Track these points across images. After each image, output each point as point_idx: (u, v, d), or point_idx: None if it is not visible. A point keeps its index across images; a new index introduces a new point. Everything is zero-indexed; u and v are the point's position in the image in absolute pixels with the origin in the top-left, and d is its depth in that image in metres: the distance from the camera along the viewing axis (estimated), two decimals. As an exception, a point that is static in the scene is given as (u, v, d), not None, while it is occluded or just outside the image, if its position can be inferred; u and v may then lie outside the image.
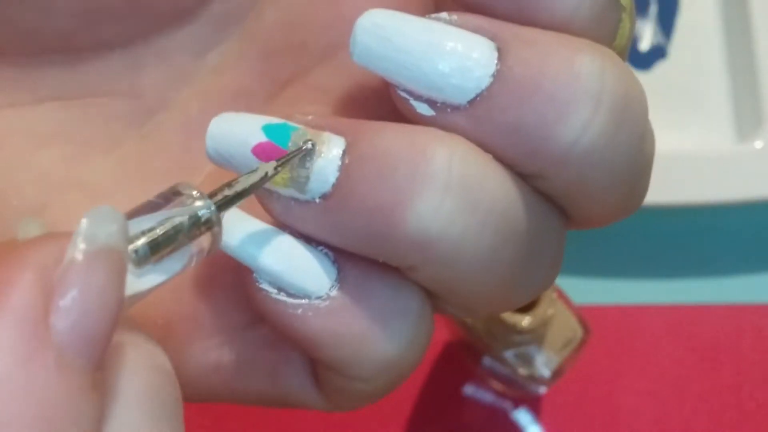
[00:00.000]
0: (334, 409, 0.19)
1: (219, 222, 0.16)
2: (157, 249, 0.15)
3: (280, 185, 0.17)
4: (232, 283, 0.18)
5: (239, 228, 0.17)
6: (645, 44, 0.52)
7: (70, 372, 0.13)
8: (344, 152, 0.16)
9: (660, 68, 0.51)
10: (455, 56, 0.16)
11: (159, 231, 0.15)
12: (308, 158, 0.16)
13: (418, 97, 0.16)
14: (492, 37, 0.16)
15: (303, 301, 0.17)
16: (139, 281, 0.15)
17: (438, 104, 0.16)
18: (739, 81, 0.50)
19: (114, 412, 0.14)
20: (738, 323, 0.47)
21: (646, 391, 0.46)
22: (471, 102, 0.16)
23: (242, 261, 0.17)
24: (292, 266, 0.17)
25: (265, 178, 0.16)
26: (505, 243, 0.16)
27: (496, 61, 0.16)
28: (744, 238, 0.49)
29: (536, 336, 0.39)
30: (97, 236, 0.14)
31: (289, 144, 0.16)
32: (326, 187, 0.16)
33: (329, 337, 0.17)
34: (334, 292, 0.17)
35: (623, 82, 0.16)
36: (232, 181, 0.16)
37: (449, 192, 0.16)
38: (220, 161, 0.17)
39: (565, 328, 0.39)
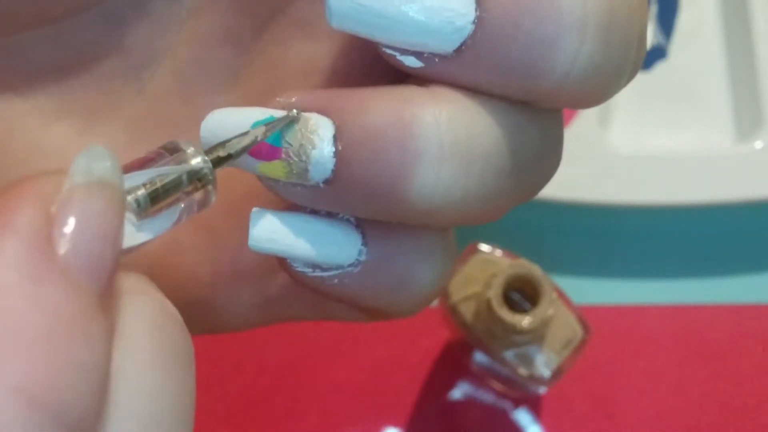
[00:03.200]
0: (377, 320, 0.20)
1: (214, 179, 0.17)
2: (157, 200, 0.16)
3: (282, 177, 0.17)
4: None
5: (266, 226, 0.18)
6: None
7: (77, 291, 0.13)
8: (335, 137, 0.16)
9: (660, 68, 0.51)
10: (433, 12, 0.16)
11: (159, 183, 0.16)
12: (303, 152, 0.17)
13: (404, 51, 0.17)
14: None
15: (337, 272, 0.18)
16: (137, 233, 0.16)
17: (425, 55, 0.16)
18: (739, 81, 0.50)
19: (122, 349, 0.14)
20: (738, 323, 0.47)
21: (645, 391, 0.46)
22: (457, 50, 0.16)
23: (275, 255, 0.18)
24: (319, 249, 0.18)
25: (255, 140, 0.17)
26: (509, 176, 0.17)
27: (474, 7, 0.16)
28: (744, 238, 0.49)
29: (536, 336, 0.39)
30: (92, 170, 0.14)
31: (281, 140, 0.17)
32: (327, 174, 0.17)
33: (368, 293, 0.18)
34: (363, 256, 0.18)
35: (607, 2, 0.16)
36: (225, 142, 0.17)
37: (443, 162, 0.16)
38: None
39: (565, 328, 0.39)
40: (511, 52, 0.16)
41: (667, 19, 0.52)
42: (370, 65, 0.18)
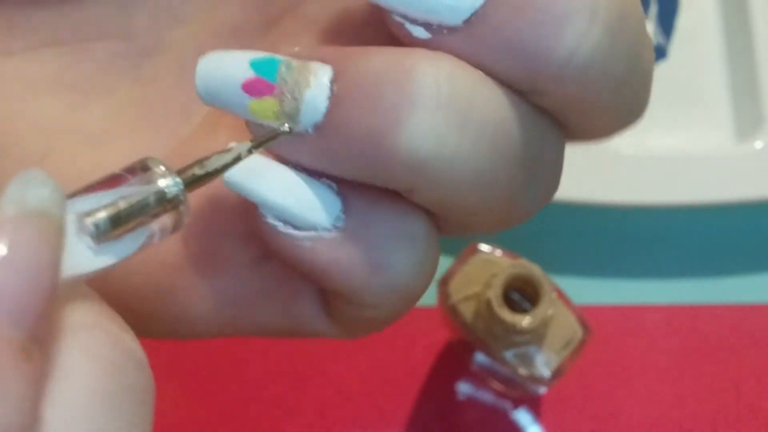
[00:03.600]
0: (345, 337, 0.19)
1: (185, 201, 0.16)
2: (119, 223, 0.15)
3: (271, 119, 0.17)
4: (242, 219, 0.18)
5: (245, 166, 0.17)
6: (645, 44, 0.52)
7: None
8: (332, 81, 0.16)
9: (660, 68, 0.51)
10: None
11: (122, 205, 0.15)
12: (297, 90, 0.16)
13: (413, 21, 0.16)
14: None
15: (310, 233, 0.17)
16: (96, 258, 0.15)
17: (434, 27, 0.16)
18: (739, 81, 0.50)
19: (59, 390, 0.13)
20: (738, 323, 0.47)
21: (646, 390, 0.46)
22: (466, 22, 0.16)
23: (247, 196, 0.17)
24: (296, 199, 0.17)
25: (238, 158, 0.16)
26: (501, 158, 0.16)
27: None
28: (744, 238, 0.49)
29: (536, 336, 0.39)
30: (26, 199, 0.13)
31: (277, 76, 0.16)
32: (318, 117, 0.16)
33: (338, 266, 0.17)
34: (339, 223, 0.17)
35: None
36: (203, 159, 0.16)
37: (438, 110, 0.16)
38: (211, 101, 0.17)
39: (565, 328, 0.39)
40: (519, 27, 0.16)
41: (667, 19, 0.52)
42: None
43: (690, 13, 0.52)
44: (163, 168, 0.15)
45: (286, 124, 0.16)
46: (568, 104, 0.17)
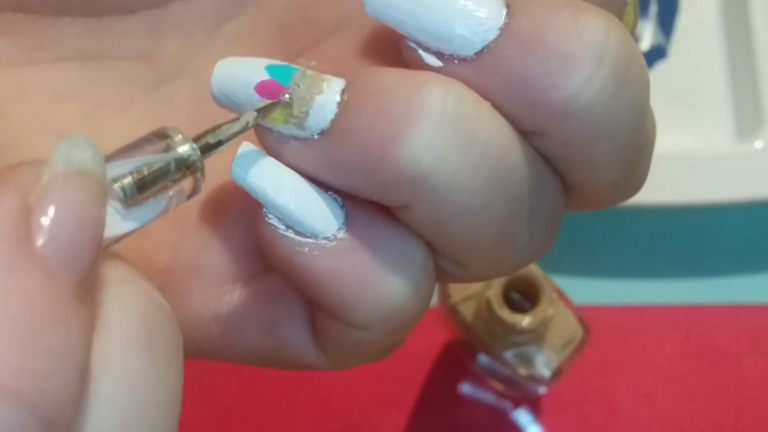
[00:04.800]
0: (331, 367, 0.19)
1: (202, 167, 0.16)
2: (144, 188, 0.15)
3: (280, 122, 0.17)
4: (235, 233, 0.19)
5: (253, 161, 0.17)
6: (645, 44, 0.52)
7: (54, 282, 0.13)
8: (344, 90, 0.17)
9: (660, 68, 0.51)
10: (466, 9, 0.17)
11: (146, 171, 0.15)
12: (308, 95, 0.17)
13: (427, 48, 0.17)
14: None
15: (310, 240, 0.17)
16: (123, 222, 0.15)
17: (446, 56, 0.17)
18: (739, 81, 0.50)
19: (104, 338, 0.14)
20: (738, 323, 0.47)
21: (646, 391, 0.46)
22: (478, 54, 0.16)
23: (254, 194, 0.17)
24: (302, 204, 0.17)
25: (246, 126, 0.17)
26: (500, 191, 0.17)
27: (504, 15, 0.16)
28: (744, 238, 0.49)
29: (536, 336, 0.39)
30: (73, 159, 0.14)
31: (290, 82, 0.17)
32: (324, 123, 0.17)
33: (333, 277, 0.17)
34: (341, 234, 0.17)
35: (627, 45, 0.16)
36: (215, 128, 0.17)
37: (443, 127, 0.16)
38: (224, 101, 0.18)
39: (565, 328, 0.39)
40: (528, 64, 0.16)
41: (667, 19, 0.52)
42: None
43: (690, 13, 0.52)
44: (181, 136, 0.16)
45: (287, 95, 0.17)
46: (569, 151, 0.17)
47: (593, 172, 0.18)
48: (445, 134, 0.16)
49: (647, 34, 0.52)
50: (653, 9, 0.52)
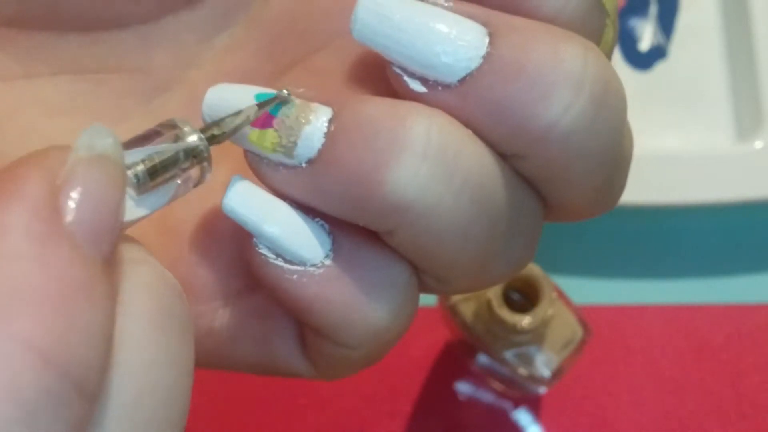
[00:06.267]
0: (320, 378, 0.20)
1: (209, 156, 0.17)
2: (155, 175, 0.16)
3: (269, 150, 0.18)
4: (229, 250, 0.19)
5: (243, 192, 0.18)
6: (645, 44, 0.52)
7: (82, 257, 0.14)
8: (330, 120, 0.17)
9: (660, 68, 0.51)
10: (450, 38, 0.17)
11: (157, 159, 0.16)
12: (296, 125, 0.17)
13: (412, 75, 0.17)
14: (484, 23, 0.17)
15: (299, 267, 0.18)
16: (136, 208, 0.16)
17: (430, 82, 0.17)
18: (739, 81, 0.50)
19: (123, 313, 0.15)
20: (738, 323, 0.47)
21: (646, 391, 0.46)
22: (461, 81, 0.17)
23: (244, 225, 0.18)
24: (290, 232, 0.18)
25: (248, 119, 0.18)
26: (481, 215, 0.17)
27: (487, 44, 0.17)
28: (744, 238, 0.49)
29: (536, 336, 0.39)
30: (95, 145, 0.15)
31: (279, 111, 0.18)
32: (312, 153, 0.17)
33: (322, 303, 0.18)
34: (328, 261, 0.18)
35: (605, 73, 0.17)
36: (219, 121, 0.17)
37: (426, 159, 0.16)
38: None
39: (565, 328, 0.39)
40: (508, 91, 0.17)
41: (667, 19, 0.52)
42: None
43: (690, 13, 0.52)
44: (189, 127, 0.17)
45: (285, 90, 0.18)
46: (548, 173, 0.18)
47: (572, 191, 0.18)
48: (428, 165, 0.16)
49: (647, 34, 0.52)
50: (653, 9, 0.52)
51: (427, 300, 0.24)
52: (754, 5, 0.50)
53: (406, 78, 0.17)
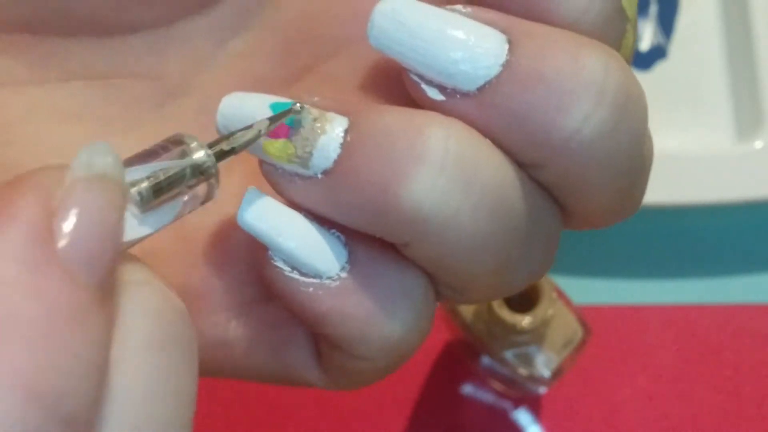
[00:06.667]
0: (334, 388, 0.20)
1: (217, 172, 0.17)
2: (160, 193, 0.16)
3: (284, 161, 0.17)
4: (243, 259, 0.19)
5: (259, 206, 0.18)
6: (645, 44, 0.52)
7: (75, 284, 0.13)
8: (346, 131, 0.17)
9: (660, 68, 0.51)
10: (468, 45, 0.17)
11: (162, 176, 0.16)
12: (312, 135, 0.17)
13: (429, 82, 0.17)
14: (503, 30, 0.17)
15: (315, 280, 0.17)
16: (139, 227, 0.16)
17: (448, 90, 0.17)
18: (739, 81, 0.50)
19: (122, 339, 0.14)
20: (738, 323, 0.47)
21: (646, 391, 0.46)
22: (479, 89, 0.17)
23: (260, 238, 0.18)
24: (306, 246, 0.17)
25: (259, 134, 0.17)
26: (499, 226, 0.17)
27: (506, 52, 0.17)
28: (744, 238, 0.49)
29: (536, 336, 0.39)
30: (94, 164, 0.14)
31: (294, 121, 0.17)
32: (328, 163, 0.17)
33: (338, 315, 0.17)
34: (344, 274, 0.17)
35: (626, 80, 0.17)
36: (229, 135, 0.17)
37: (444, 170, 0.16)
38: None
39: (565, 328, 0.39)
40: (528, 100, 0.16)
41: (667, 19, 0.52)
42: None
43: (690, 13, 0.52)
44: (196, 143, 0.16)
45: (297, 104, 0.17)
46: (567, 181, 0.17)
47: (591, 200, 0.18)
48: (445, 177, 0.16)
49: (647, 34, 0.52)
50: (653, 9, 0.52)
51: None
52: (754, 5, 0.50)
53: (423, 86, 0.17)
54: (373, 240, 0.17)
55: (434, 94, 0.17)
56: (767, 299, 0.48)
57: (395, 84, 0.18)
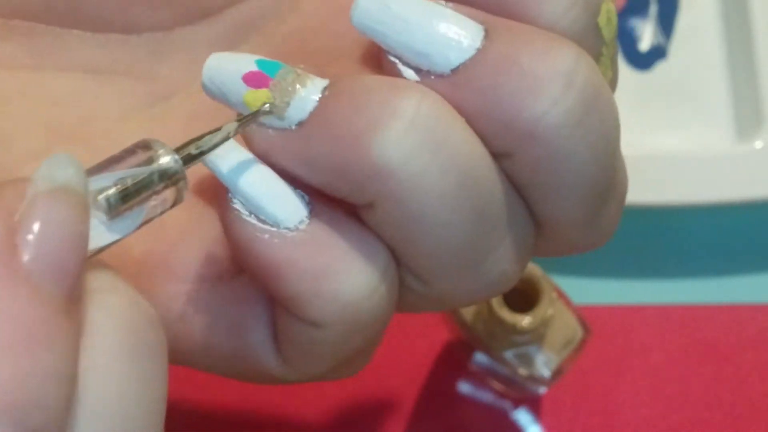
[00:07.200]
0: (292, 376, 0.20)
1: (185, 177, 0.17)
2: (128, 199, 0.16)
3: (259, 107, 0.18)
4: (210, 235, 0.19)
5: (225, 149, 0.18)
6: (645, 44, 0.52)
7: (41, 297, 0.14)
8: (325, 88, 0.18)
9: (660, 68, 0.51)
10: (446, 28, 0.17)
11: (129, 182, 0.16)
12: (291, 87, 0.18)
13: (406, 63, 0.18)
14: (481, 23, 0.18)
15: (271, 228, 0.18)
16: (107, 233, 0.16)
17: (423, 71, 0.18)
18: (740, 81, 0.50)
19: (90, 348, 0.14)
20: (738, 323, 0.47)
21: (646, 391, 0.46)
22: (454, 71, 0.17)
23: (221, 178, 0.18)
24: (267, 191, 0.18)
25: (228, 136, 0.17)
26: (465, 201, 0.17)
27: (482, 38, 0.17)
28: (744, 238, 0.49)
29: (536, 336, 0.39)
30: (55, 177, 0.14)
31: (276, 75, 0.18)
32: (303, 114, 0.17)
33: (290, 268, 0.17)
34: (303, 226, 0.18)
35: (596, 79, 0.17)
36: (197, 139, 0.17)
37: (415, 128, 0.17)
38: (213, 90, 0.18)
39: (565, 328, 0.39)
40: (500, 82, 0.17)
41: (667, 19, 0.52)
42: None
43: (690, 13, 0.52)
44: (163, 148, 0.17)
45: (267, 105, 0.18)
46: (535, 176, 0.18)
47: (560, 204, 0.18)
48: (415, 134, 0.17)
49: (647, 34, 0.52)
50: (653, 9, 0.52)
51: (427, 300, 0.24)
52: (754, 5, 0.50)
53: (400, 66, 0.18)
54: (336, 202, 0.18)
55: (410, 74, 0.18)
56: (767, 299, 0.48)
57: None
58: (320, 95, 0.17)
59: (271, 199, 0.18)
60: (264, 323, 0.19)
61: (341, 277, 0.17)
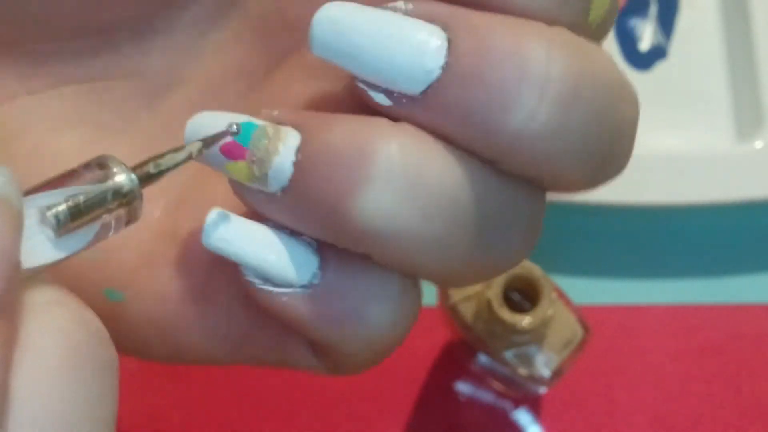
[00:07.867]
0: (336, 374, 0.20)
1: (140, 197, 0.16)
2: (78, 217, 0.16)
3: (245, 180, 0.18)
4: None
5: (223, 228, 0.18)
6: (645, 44, 0.52)
7: None
8: (298, 149, 0.17)
9: (660, 68, 0.51)
10: (407, 51, 0.17)
11: (81, 199, 0.16)
12: (267, 156, 0.17)
13: (376, 88, 0.17)
14: (443, 26, 0.17)
15: (287, 290, 0.18)
16: (56, 250, 0.15)
17: (395, 94, 0.17)
18: (739, 81, 0.50)
19: (27, 362, 0.14)
20: (738, 323, 0.47)
21: (645, 391, 0.46)
22: (423, 92, 0.17)
23: (227, 258, 0.18)
24: (274, 260, 0.18)
25: (190, 156, 0.17)
26: (459, 227, 0.17)
27: (445, 53, 0.16)
28: (744, 238, 0.49)
29: (536, 336, 0.39)
30: None
31: (249, 143, 0.17)
32: (284, 182, 0.17)
33: (314, 320, 0.18)
34: (316, 280, 0.18)
35: (571, 64, 0.16)
36: (158, 157, 0.17)
37: (389, 184, 0.16)
38: (199, 159, 0.18)
39: (565, 328, 0.39)
40: (471, 101, 0.16)
41: (667, 19, 0.52)
42: (366, 108, 0.18)
43: (690, 13, 0.52)
44: (119, 166, 0.16)
45: (234, 126, 0.17)
46: (536, 169, 0.17)
47: (567, 176, 0.18)
48: (391, 190, 0.16)
49: (647, 34, 0.52)
50: (653, 9, 0.52)
51: (427, 300, 0.24)
52: (754, 5, 0.50)
53: (370, 92, 0.17)
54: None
55: (381, 99, 0.17)
56: (767, 299, 0.48)
57: None
58: (294, 159, 0.17)
59: (279, 266, 0.18)
60: (305, 345, 0.20)
61: (363, 319, 0.18)
